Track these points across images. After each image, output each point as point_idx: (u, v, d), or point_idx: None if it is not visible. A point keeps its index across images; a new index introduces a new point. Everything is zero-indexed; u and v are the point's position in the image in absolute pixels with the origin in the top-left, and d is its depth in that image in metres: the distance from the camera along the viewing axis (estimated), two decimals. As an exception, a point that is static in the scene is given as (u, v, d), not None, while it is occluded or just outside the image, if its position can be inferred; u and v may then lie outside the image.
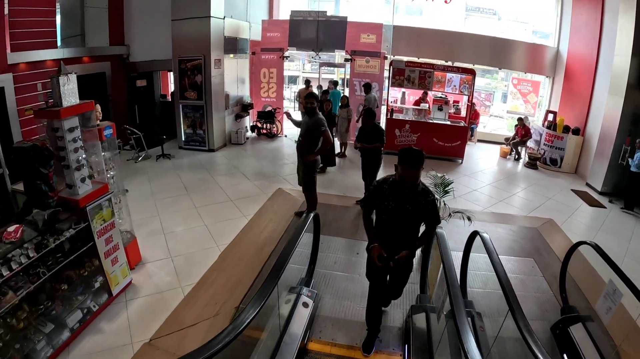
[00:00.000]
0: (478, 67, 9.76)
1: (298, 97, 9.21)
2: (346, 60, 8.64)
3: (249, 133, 9.30)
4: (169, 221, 4.81)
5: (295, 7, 11.50)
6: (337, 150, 7.79)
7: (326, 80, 11.90)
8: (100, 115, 3.65)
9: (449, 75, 7.70)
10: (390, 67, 7.85)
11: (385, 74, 8.48)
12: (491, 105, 11.17)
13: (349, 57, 8.44)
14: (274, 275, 1.94)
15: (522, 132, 8.46)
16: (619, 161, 6.76)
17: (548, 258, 4.15)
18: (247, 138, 8.93)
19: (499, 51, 9.48)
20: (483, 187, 6.77)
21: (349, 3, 13.49)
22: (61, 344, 2.88)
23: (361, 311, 2.99)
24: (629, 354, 2.71)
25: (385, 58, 8.49)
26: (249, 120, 9.42)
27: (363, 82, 8.07)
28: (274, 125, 9.17)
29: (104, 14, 8.08)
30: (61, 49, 6.99)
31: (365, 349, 2.72)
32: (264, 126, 9.20)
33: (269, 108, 9.17)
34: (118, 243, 3.43)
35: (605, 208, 6.40)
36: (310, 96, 4.14)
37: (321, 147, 4.14)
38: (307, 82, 8.75)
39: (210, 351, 1.40)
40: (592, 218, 6.01)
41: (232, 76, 8.56)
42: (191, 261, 3.95)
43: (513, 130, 8.95)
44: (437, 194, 3.95)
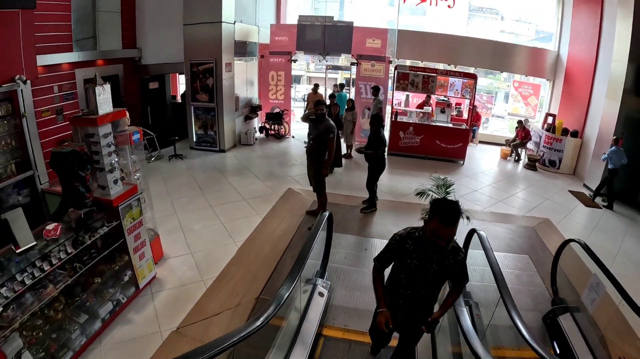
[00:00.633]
0: (480, 68, 10.04)
1: (306, 102, 9.23)
2: (352, 64, 8.91)
3: (258, 134, 9.59)
4: (187, 219, 5.11)
5: (300, 11, 11.81)
6: (344, 151, 8.06)
7: (331, 81, 12.19)
8: (129, 120, 3.94)
9: (451, 79, 7.96)
10: (395, 72, 8.12)
11: (390, 77, 8.75)
12: (492, 107, 11.40)
13: (355, 61, 8.71)
14: (298, 266, 2.23)
15: (522, 134, 8.71)
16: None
17: (542, 255, 4.43)
18: (256, 139, 9.22)
19: (500, 55, 9.71)
20: (483, 188, 7.04)
21: (352, 4, 13.77)
22: (93, 334, 3.14)
23: (370, 301, 3.28)
24: (611, 338, 3.00)
25: (390, 62, 8.75)
26: (257, 122, 9.71)
27: (372, 85, 8.34)
28: (282, 126, 9.47)
29: (116, 18, 8.35)
30: (76, 52, 7.27)
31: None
32: (272, 127, 9.50)
33: (277, 110, 9.47)
34: (145, 239, 3.73)
35: (601, 208, 6.66)
36: (320, 103, 4.43)
37: (328, 159, 4.45)
38: (316, 87, 8.92)
39: (260, 321, 1.66)
40: (588, 218, 6.26)
41: (242, 79, 8.84)
42: (210, 256, 4.25)
43: (514, 131, 9.21)
44: (439, 195, 4.22)
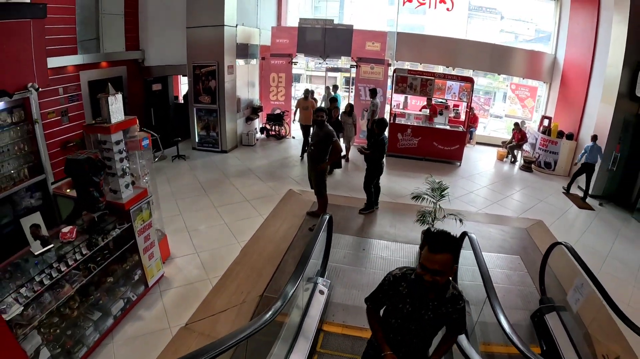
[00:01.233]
0: (479, 71, 10.19)
1: (296, 108, 8.77)
2: (352, 66, 9.07)
3: (259, 135, 9.75)
4: (192, 219, 5.29)
5: (301, 10, 11.94)
6: (343, 152, 8.22)
7: (331, 80, 12.31)
8: (138, 127, 4.10)
9: (449, 83, 8.13)
10: (394, 75, 8.28)
11: (389, 80, 8.91)
12: (490, 109, 11.57)
13: (355, 64, 8.86)
14: (301, 265, 2.42)
15: (519, 136, 8.89)
16: (609, 167, 7.16)
17: (533, 256, 4.62)
18: (257, 140, 9.39)
19: (498, 57, 9.86)
20: (479, 189, 7.23)
21: (352, 3, 13.87)
22: (106, 330, 3.31)
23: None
24: (597, 337, 3.20)
25: (389, 65, 8.91)
26: (258, 122, 9.87)
27: (369, 87, 8.49)
28: (282, 127, 9.63)
29: (119, 20, 8.48)
30: (81, 55, 7.40)
31: None
32: (273, 128, 9.66)
33: (278, 111, 9.63)
34: (154, 240, 3.92)
35: (593, 210, 6.84)
36: (320, 109, 4.62)
37: (332, 156, 4.62)
38: (307, 92, 8.53)
39: (270, 314, 1.84)
40: (581, 220, 6.44)
41: (243, 80, 9.00)
42: (215, 256, 4.44)
43: (510, 133, 9.39)
44: (434, 198, 4.39)
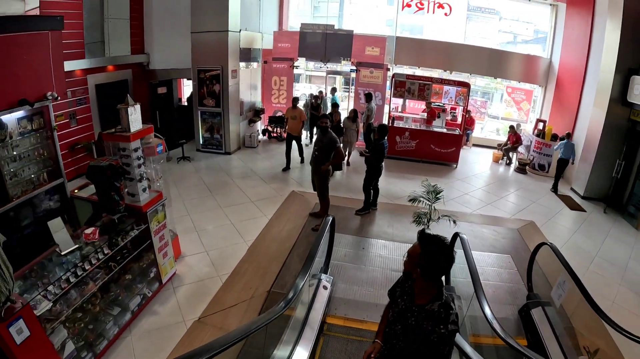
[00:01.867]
0: (476, 74, 10.44)
1: (285, 118, 8.50)
2: (351, 70, 9.32)
3: (261, 136, 10.00)
4: (199, 220, 5.55)
5: (301, 9, 12.15)
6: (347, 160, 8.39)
7: (331, 80, 12.51)
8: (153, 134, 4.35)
9: (446, 87, 8.40)
10: (393, 79, 8.54)
11: (388, 84, 9.17)
12: (487, 111, 11.83)
13: (355, 68, 9.11)
14: (308, 263, 2.70)
15: (514, 139, 9.16)
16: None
17: (524, 255, 4.89)
18: (259, 142, 9.64)
19: (495, 61, 10.13)
20: (474, 191, 7.50)
21: (351, 4, 14.06)
22: (124, 324, 3.56)
23: (367, 294, 3.75)
24: (581, 331, 3.49)
25: (388, 69, 9.16)
26: (260, 125, 10.12)
27: (365, 92, 8.74)
28: (284, 129, 9.88)
29: (125, 24, 8.69)
30: (88, 59, 7.63)
31: None
32: (275, 130, 9.91)
33: (280, 114, 9.88)
34: (168, 240, 4.18)
35: (585, 211, 7.09)
36: (324, 116, 4.91)
37: (334, 160, 4.90)
38: (295, 101, 8.20)
39: (282, 304, 2.10)
40: (571, 221, 6.71)
41: (246, 84, 9.24)
42: (224, 254, 4.70)
43: (506, 135, 9.65)
44: (429, 201, 4.64)
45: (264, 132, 10.06)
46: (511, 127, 9.34)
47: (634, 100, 6.90)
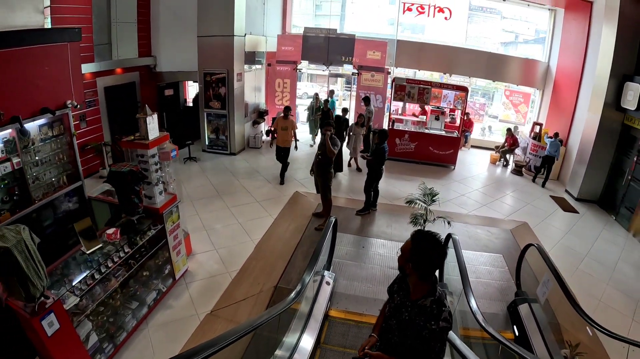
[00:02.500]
0: (475, 78, 10.65)
1: (274, 127, 7.70)
2: (353, 74, 9.57)
3: (264, 137, 10.26)
4: (208, 219, 5.84)
5: (303, 13, 12.36)
6: (353, 164, 8.60)
7: (333, 79, 12.71)
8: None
9: (444, 91, 8.64)
10: (393, 83, 8.79)
11: (388, 87, 9.42)
12: (485, 113, 12.07)
13: (356, 71, 9.36)
14: (313, 260, 2.99)
15: (511, 141, 9.41)
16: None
17: (515, 255, 5.12)
18: (263, 142, 9.91)
19: (494, 65, 10.33)
20: (471, 192, 7.77)
21: (353, 4, 14.23)
22: (141, 317, 3.83)
23: (367, 289, 4.05)
24: (566, 326, 3.77)
25: (389, 73, 9.41)
26: (264, 126, 10.38)
27: (363, 95, 8.98)
28: (270, 143, 10.06)
29: (132, 28, 8.92)
30: (97, 62, 7.86)
31: None
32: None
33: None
34: (181, 238, 4.47)
35: (578, 213, 7.33)
36: (328, 124, 5.20)
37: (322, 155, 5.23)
38: (287, 110, 7.60)
39: (293, 295, 2.38)
40: (564, 222, 6.93)
41: (251, 86, 9.50)
42: (232, 252, 5.00)
43: (504, 136, 9.89)
44: (425, 203, 4.90)
45: (268, 133, 10.30)
46: (508, 130, 9.58)
47: (627, 105, 7.10)
